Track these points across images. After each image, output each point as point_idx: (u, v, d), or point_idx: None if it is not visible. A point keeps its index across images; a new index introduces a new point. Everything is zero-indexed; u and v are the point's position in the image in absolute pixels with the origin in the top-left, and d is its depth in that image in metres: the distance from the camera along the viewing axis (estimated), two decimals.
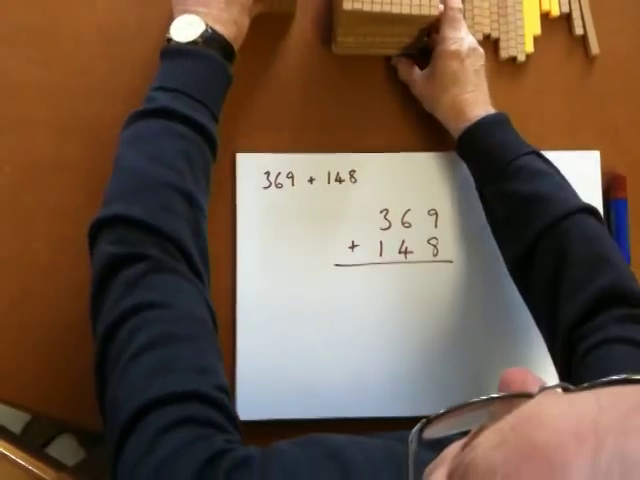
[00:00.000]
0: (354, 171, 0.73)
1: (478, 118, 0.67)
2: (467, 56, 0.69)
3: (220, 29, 0.63)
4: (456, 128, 0.69)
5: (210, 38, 0.62)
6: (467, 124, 0.68)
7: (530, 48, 0.77)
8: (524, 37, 0.76)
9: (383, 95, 0.75)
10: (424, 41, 0.72)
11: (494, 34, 0.77)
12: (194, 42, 0.61)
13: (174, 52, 0.62)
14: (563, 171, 0.67)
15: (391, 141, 0.74)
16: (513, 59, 0.77)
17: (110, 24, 0.73)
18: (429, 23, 0.68)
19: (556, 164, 0.67)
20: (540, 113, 0.77)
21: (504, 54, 0.77)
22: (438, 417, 0.32)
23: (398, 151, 0.74)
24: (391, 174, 0.73)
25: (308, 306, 0.71)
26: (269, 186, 0.72)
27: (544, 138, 0.74)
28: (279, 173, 0.72)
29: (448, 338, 0.72)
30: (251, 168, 0.72)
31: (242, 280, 0.71)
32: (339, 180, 0.73)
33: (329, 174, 0.73)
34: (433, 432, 0.33)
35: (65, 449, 1.05)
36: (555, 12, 0.77)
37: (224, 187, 0.72)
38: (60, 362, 0.70)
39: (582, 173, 0.74)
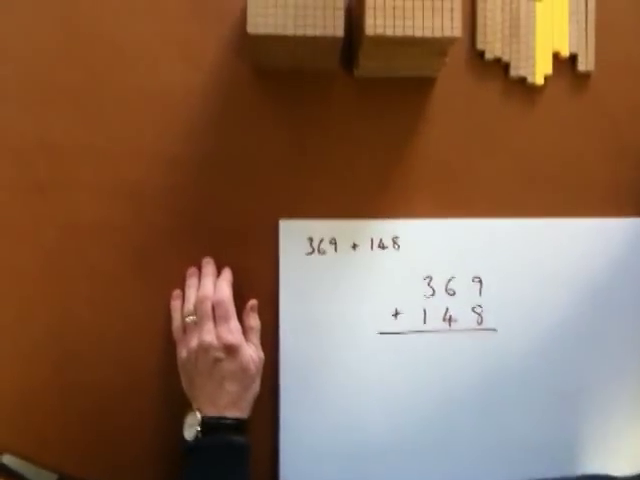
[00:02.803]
0: (397, 237, 0.73)
1: None
2: None
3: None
4: None
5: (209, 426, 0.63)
6: None
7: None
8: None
9: (427, 161, 0.75)
10: (446, 61, 0.72)
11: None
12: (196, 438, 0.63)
13: (184, 453, 0.63)
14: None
15: (435, 207, 0.74)
16: (522, 79, 0.76)
17: (154, 88, 0.73)
18: (451, 44, 0.67)
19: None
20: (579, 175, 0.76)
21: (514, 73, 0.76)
22: None
23: (442, 217, 0.74)
24: (435, 240, 0.73)
25: (352, 374, 0.70)
26: (312, 252, 0.72)
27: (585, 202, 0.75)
28: (322, 239, 0.72)
29: (492, 407, 0.71)
30: (294, 234, 0.72)
31: (285, 347, 0.70)
32: (382, 246, 0.73)
33: (372, 240, 0.73)
34: None
35: None
36: (565, 52, 0.76)
37: (267, 253, 0.72)
38: (102, 428, 0.70)
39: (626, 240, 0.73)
